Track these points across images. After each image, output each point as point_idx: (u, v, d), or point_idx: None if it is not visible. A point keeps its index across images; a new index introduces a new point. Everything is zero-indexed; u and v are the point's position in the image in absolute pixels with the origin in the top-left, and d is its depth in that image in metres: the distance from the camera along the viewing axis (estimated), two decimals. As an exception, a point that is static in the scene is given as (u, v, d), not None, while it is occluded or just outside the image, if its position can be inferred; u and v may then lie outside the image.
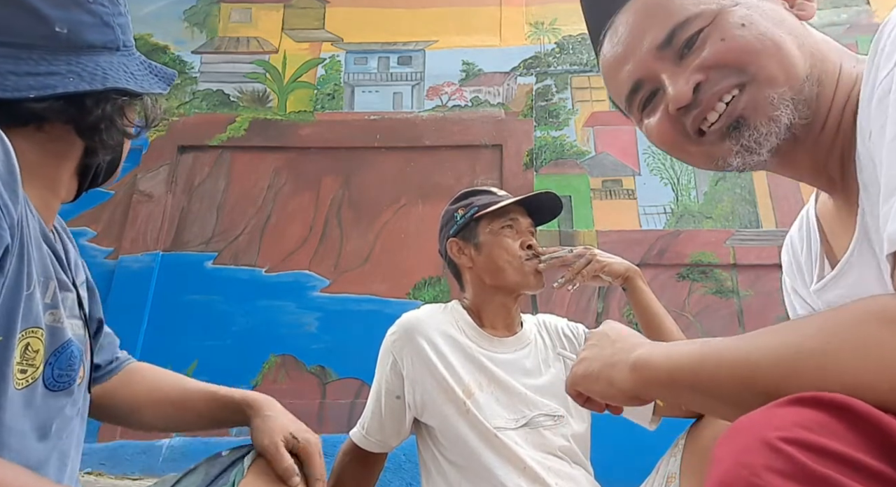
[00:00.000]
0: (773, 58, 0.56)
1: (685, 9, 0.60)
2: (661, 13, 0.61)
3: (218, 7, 3.02)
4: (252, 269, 2.50)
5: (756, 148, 0.58)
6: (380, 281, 2.44)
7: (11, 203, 0.58)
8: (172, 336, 2.33)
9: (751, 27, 0.57)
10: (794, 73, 0.56)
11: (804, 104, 0.57)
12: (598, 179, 2.58)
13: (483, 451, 1.10)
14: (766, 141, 0.57)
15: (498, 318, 1.28)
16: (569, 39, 2.85)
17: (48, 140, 0.70)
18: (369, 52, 2.89)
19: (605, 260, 1.28)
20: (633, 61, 0.64)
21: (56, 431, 0.72)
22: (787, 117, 0.56)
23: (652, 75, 0.63)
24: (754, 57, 0.57)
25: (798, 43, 0.58)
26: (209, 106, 2.79)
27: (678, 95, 0.60)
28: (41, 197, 0.71)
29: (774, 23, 0.58)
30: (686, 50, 0.60)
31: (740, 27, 0.57)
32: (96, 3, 0.71)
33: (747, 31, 0.57)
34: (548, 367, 1.25)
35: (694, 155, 0.65)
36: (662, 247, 2.41)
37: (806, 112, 0.57)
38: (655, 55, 0.62)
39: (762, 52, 0.56)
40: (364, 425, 1.25)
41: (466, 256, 1.30)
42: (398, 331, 1.22)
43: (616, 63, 0.66)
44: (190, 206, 2.60)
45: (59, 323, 0.71)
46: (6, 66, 0.64)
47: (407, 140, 2.68)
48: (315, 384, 2.29)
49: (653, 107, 0.65)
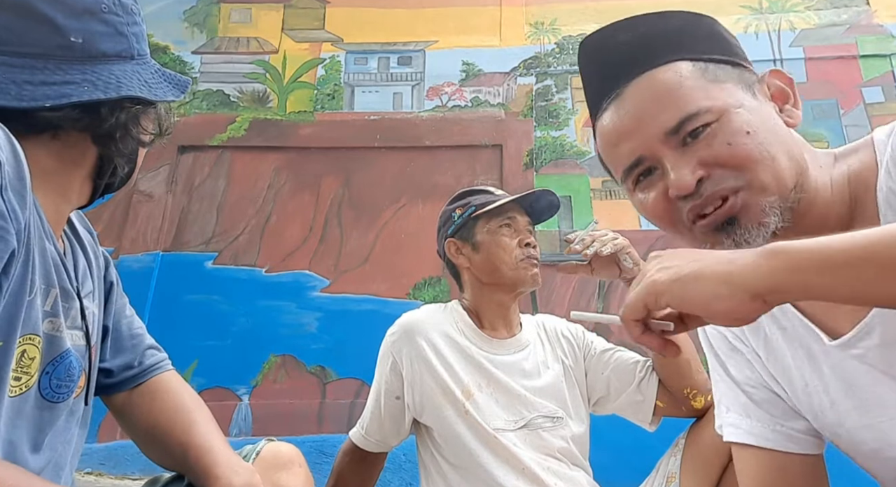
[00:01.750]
0: (768, 169, 0.61)
1: (695, 101, 0.64)
2: (672, 99, 0.64)
3: (218, 7, 3.02)
4: (252, 269, 2.50)
5: (744, 244, 0.63)
6: (380, 281, 2.45)
7: (19, 208, 0.59)
8: (172, 336, 2.32)
9: (754, 136, 0.62)
10: (784, 183, 0.62)
11: (789, 211, 0.62)
12: (598, 179, 2.58)
13: (482, 452, 1.10)
14: (754, 241, 0.62)
15: (497, 318, 1.28)
16: (569, 39, 2.85)
17: (63, 147, 0.70)
18: (369, 52, 2.89)
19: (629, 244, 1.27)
20: (639, 139, 0.66)
21: (49, 443, 0.70)
22: (773, 224, 0.62)
23: (655, 156, 0.66)
24: (753, 166, 0.61)
25: (789, 154, 0.63)
26: (209, 106, 2.79)
27: (682, 184, 0.64)
28: (52, 202, 0.71)
29: (771, 132, 0.63)
30: (690, 138, 0.64)
31: (745, 135, 0.62)
32: (111, 12, 0.72)
33: (750, 140, 0.62)
34: (547, 369, 1.25)
35: (685, 236, 0.70)
36: (662, 247, 2.41)
37: (789, 216, 0.62)
38: (662, 139, 0.65)
39: (760, 163, 0.61)
40: (363, 425, 1.25)
41: (464, 256, 1.30)
42: (398, 332, 1.22)
43: (619, 135, 0.68)
44: (190, 206, 2.61)
45: (58, 331, 0.70)
46: (22, 76, 0.65)
47: (407, 140, 2.68)
48: (315, 384, 2.29)
49: (648, 183, 0.68)
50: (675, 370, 1.19)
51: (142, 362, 0.92)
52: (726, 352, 0.80)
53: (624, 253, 1.24)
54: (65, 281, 0.73)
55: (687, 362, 1.20)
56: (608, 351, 1.30)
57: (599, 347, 1.31)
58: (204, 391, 2.28)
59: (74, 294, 0.74)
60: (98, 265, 0.85)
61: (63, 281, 0.72)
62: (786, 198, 0.62)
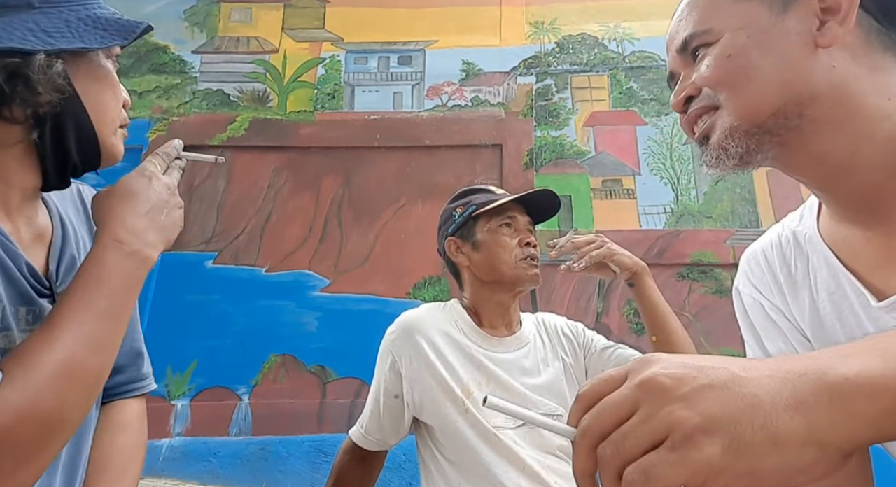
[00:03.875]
0: (740, 93, 0.62)
1: (707, 20, 0.65)
2: (694, 14, 0.67)
3: (218, 7, 3.02)
4: (252, 269, 2.50)
5: (715, 163, 0.64)
6: (380, 280, 2.45)
7: None
8: (172, 336, 2.33)
9: (734, 59, 0.62)
10: (756, 109, 0.61)
11: (765, 139, 0.62)
12: (598, 179, 2.58)
13: (482, 450, 1.10)
14: (721, 163, 0.64)
15: (497, 317, 1.28)
16: (569, 39, 2.85)
17: None
18: (369, 52, 2.89)
19: (615, 250, 1.27)
20: (671, 55, 0.71)
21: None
22: (737, 148, 0.62)
23: (676, 72, 0.71)
24: (724, 89, 0.63)
25: (779, 79, 0.61)
26: (209, 105, 2.79)
27: (672, 101, 0.69)
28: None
29: (766, 55, 0.61)
30: (692, 58, 0.67)
31: (725, 58, 0.63)
32: None
33: (730, 63, 0.63)
34: (546, 366, 1.25)
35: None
36: (662, 247, 2.41)
37: (769, 146, 0.62)
38: (676, 56, 0.69)
39: (732, 87, 0.62)
40: (363, 424, 1.25)
41: (464, 255, 1.29)
42: (397, 331, 1.22)
43: (666, 47, 0.73)
44: (190, 206, 2.60)
45: (13, 344, 0.64)
46: None
47: (407, 140, 2.68)
48: (315, 383, 2.29)
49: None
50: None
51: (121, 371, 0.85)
52: (761, 323, 0.78)
53: (609, 263, 1.24)
54: (21, 284, 0.66)
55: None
56: (608, 348, 1.30)
57: (600, 344, 1.31)
58: (204, 390, 2.29)
59: (35, 295, 0.68)
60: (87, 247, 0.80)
61: (21, 285, 0.66)
62: (759, 124, 0.61)
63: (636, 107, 2.71)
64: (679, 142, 2.63)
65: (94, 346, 0.60)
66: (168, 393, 2.27)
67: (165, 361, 2.29)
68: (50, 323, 0.59)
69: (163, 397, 2.25)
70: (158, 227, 0.70)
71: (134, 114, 2.73)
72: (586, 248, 1.26)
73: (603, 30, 2.85)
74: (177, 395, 2.27)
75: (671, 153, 2.62)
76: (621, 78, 2.76)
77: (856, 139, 0.60)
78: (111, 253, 0.65)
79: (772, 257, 0.76)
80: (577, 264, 1.25)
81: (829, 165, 0.62)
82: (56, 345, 0.57)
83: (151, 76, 2.83)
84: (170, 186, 0.74)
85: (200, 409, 2.25)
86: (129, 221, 0.67)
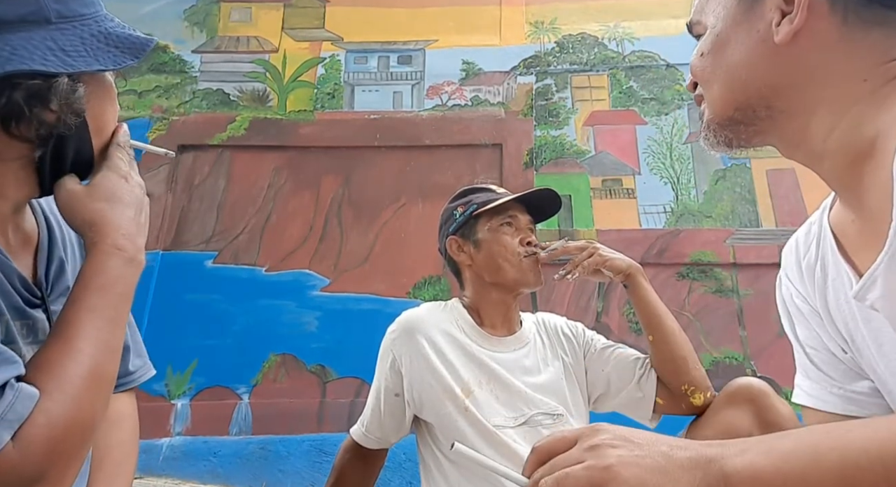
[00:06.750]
0: (710, 91, 0.67)
1: (699, 9, 0.69)
2: (700, 3, 0.70)
3: (218, 6, 3.02)
4: (252, 268, 2.50)
5: (710, 146, 0.68)
6: (380, 280, 2.45)
7: None
8: (172, 335, 2.34)
9: (705, 58, 0.66)
10: (720, 107, 0.66)
11: (740, 125, 0.65)
12: (598, 178, 2.58)
13: (482, 449, 1.10)
14: (714, 146, 0.68)
15: (497, 316, 1.28)
16: (569, 39, 2.85)
17: None
18: (369, 52, 2.89)
19: (607, 255, 1.27)
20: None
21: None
22: (717, 136, 0.67)
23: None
24: (700, 84, 0.68)
25: (730, 81, 0.64)
26: (209, 105, 2.79)
27: (688, 85, 0.72)
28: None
29: (732, 53, 0.64)
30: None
31: (699, 56, 0.67)
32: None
33: (702, 61, 0.67)
34: (547, 366, 1.25)
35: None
36: (662, 247, 2.41)
37: (737, 131, 0.65)
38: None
39: (705, 83, 0.67)
40: (364, 422, 1.25)
41: (466, 254, 1.30)
42: (398, 330, 1.22)
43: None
44: (190, 206, 2.61)
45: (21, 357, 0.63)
46: None
47: (407, 139, 2.68)
48: (315, 383, 2.29)
49: None
50: (672, 366, 1.19)
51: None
52: (794, 312, 0.78)
53: (602, 269, 1.25)
54: (13, 297, 0.66)
55: (683, 359, 1.20)
56: (608, 347, 1.30)
57: (599, 344, 1.31)
58: (204, 390, 2.29)
59: (28, 307, 0.69)
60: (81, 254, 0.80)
61: (14, 299, 0.66)
62: (727, 118, 0.65)
63: (636, 107, 2.71)
64: (679, 141, 2.64)
65: (110, 352, 0.64)
66: (168, 393, 2.27)
67: (165, 361, 2.29)
68: (67, 333, 0.61)
69: (163, 396, 2.25)
70: (143, 230, 0.74)
71: (134, 113, 2.73)
72: (579, 257, 1.27)
73: (603, 29, 2.86)
74: (177, 395, 2.27)
75: (671, 152, 2.62)
76: (621, 77, 2.76)
77: (824, 126, 0.61)
78: (113, 260, 0.67)
79: (801, 244, 0.76)
80: (571, 275, 1.27)
81: (805, 151, 0.64)
82: (80, 356, 0.60)
83: (151, 76, 2.83)
84: (141, 185, 0.76)
85: (200, 409, 2.25)
86: (124, 227, 0.69)
